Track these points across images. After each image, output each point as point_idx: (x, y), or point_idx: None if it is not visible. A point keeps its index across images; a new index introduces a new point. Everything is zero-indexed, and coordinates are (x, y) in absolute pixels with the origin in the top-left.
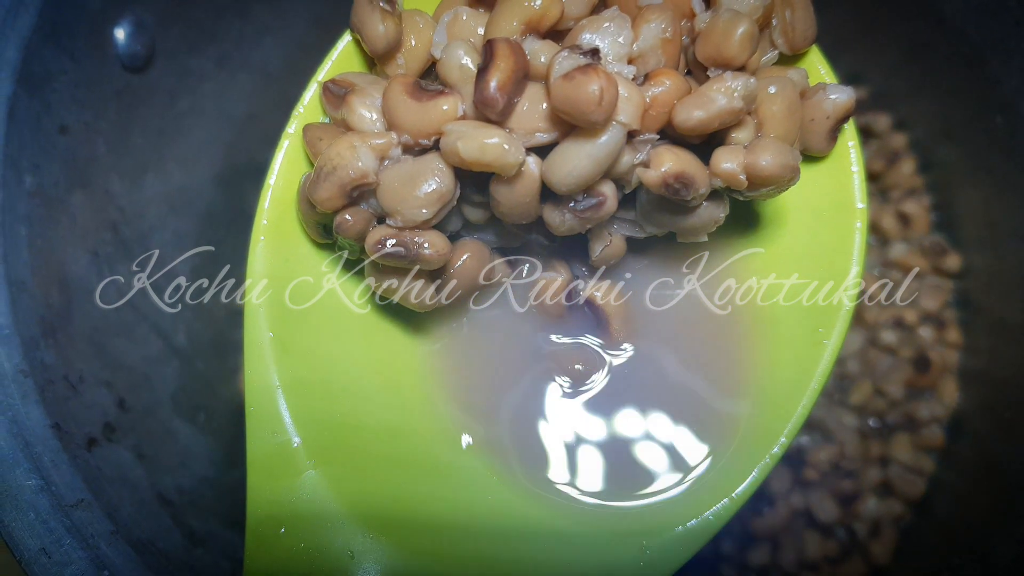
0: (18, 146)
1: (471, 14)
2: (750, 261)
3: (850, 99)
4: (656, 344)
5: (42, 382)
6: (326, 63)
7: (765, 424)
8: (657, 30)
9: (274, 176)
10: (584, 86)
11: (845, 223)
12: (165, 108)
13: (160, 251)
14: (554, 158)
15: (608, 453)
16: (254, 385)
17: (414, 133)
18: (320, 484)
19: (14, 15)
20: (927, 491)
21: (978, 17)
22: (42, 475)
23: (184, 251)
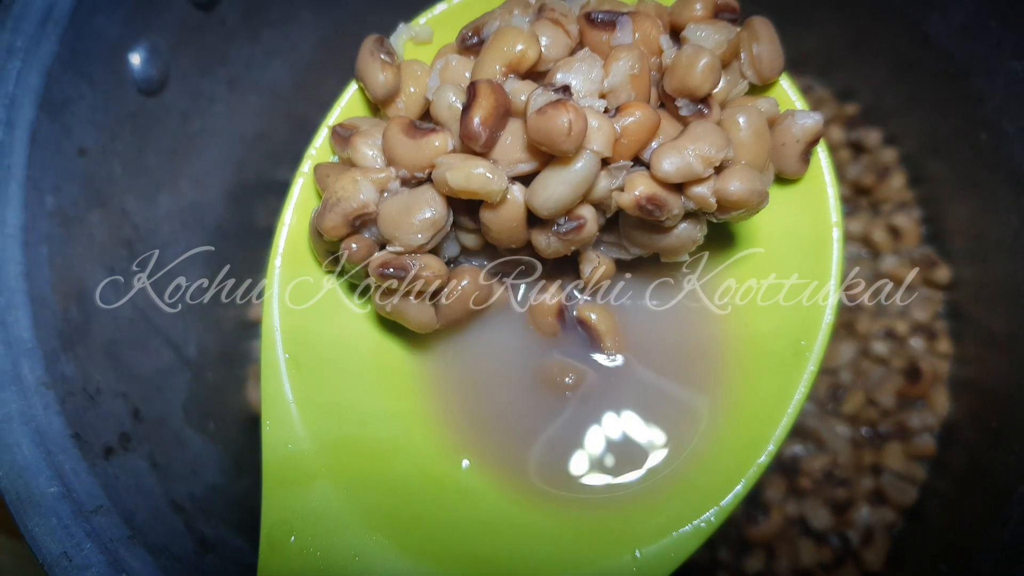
0: (40, 168)
1: (460, 60)
2: (736, 268)
3: (817, 123)
4: (645, 358)
5: (63, 393)
6: (335, 109)
7: (752, 433)
8: (626, 67)
9: (290, 210)
10: (555, 119)
11: (822, 236)
12: (178, 129)
13: (171, 266)
14: (535, 185)
15: (599, 462)
16: (270, 400)
17: (410, 167)
18: (331, 491)
19: (37, 44)
20: (919, 499)
21: (961, 38)
22: (63, 482)
23: (195, 266)
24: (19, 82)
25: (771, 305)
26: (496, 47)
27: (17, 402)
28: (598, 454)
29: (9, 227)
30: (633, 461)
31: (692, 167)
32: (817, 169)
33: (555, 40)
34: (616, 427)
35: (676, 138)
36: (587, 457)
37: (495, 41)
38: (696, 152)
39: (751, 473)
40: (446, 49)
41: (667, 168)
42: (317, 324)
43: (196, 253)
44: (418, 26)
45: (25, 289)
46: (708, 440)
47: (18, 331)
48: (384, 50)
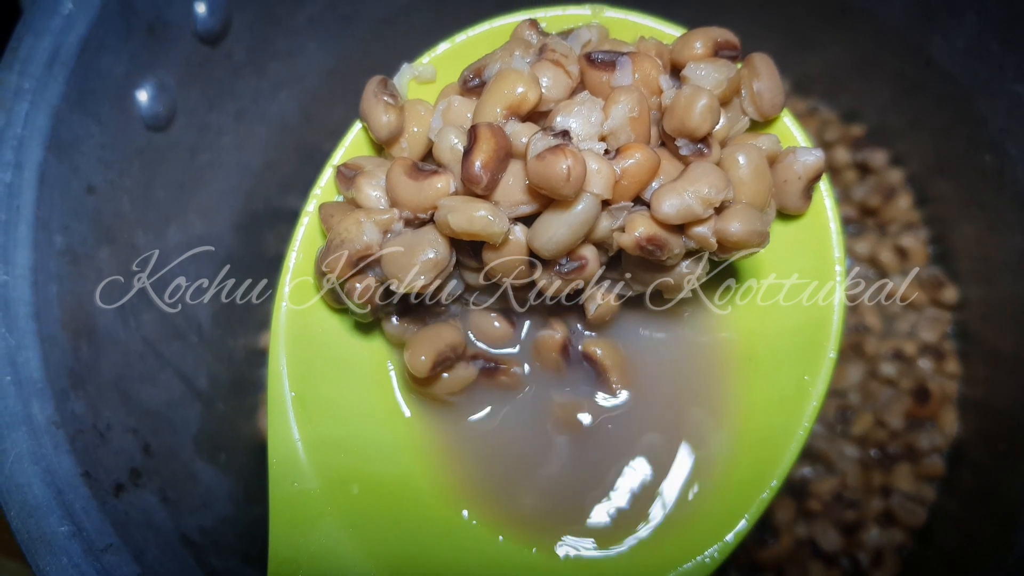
0: (48, 208)
1: (462, 102)
2: None
3: (818, 160)
4: (650, 394)
5: (72, 432)
6: (339, 149)
7: (755, 468)
8: (625, 110)
9: (295, 250)
10: (554, 165)
11: (825, 274)
12: (186, 163)
13: (182, 292)
14: (537, 227)
15: (604, 501)
16: (276, 438)
17: (413, 208)
18: (336, 530)
19: (44, 85)
20: (928, 520)
21: (964, 61)
22: (74, 521)
23: (202, 300)
24: (27, 124)
25: (775, 343)
26: (497, 90)
27: (28, 442)
28: (600, 493)
29: (19, 268)
30: (635, 502)
31: (692, 208)
32: (820, 205)
33: (556, 81)
34: (618, 467)
35: (676, 179)
36: (589, 496)
37: (496, 84)
38: (696, 193)
39: (754, 510)
40: (448, 89)
41: (667, 210)
42: (322, 363)
43: (196, 253)
44: (421, 66)
45: (35, 329)
46: (711, 476)
47: (28, 371)
48: (388, 92)
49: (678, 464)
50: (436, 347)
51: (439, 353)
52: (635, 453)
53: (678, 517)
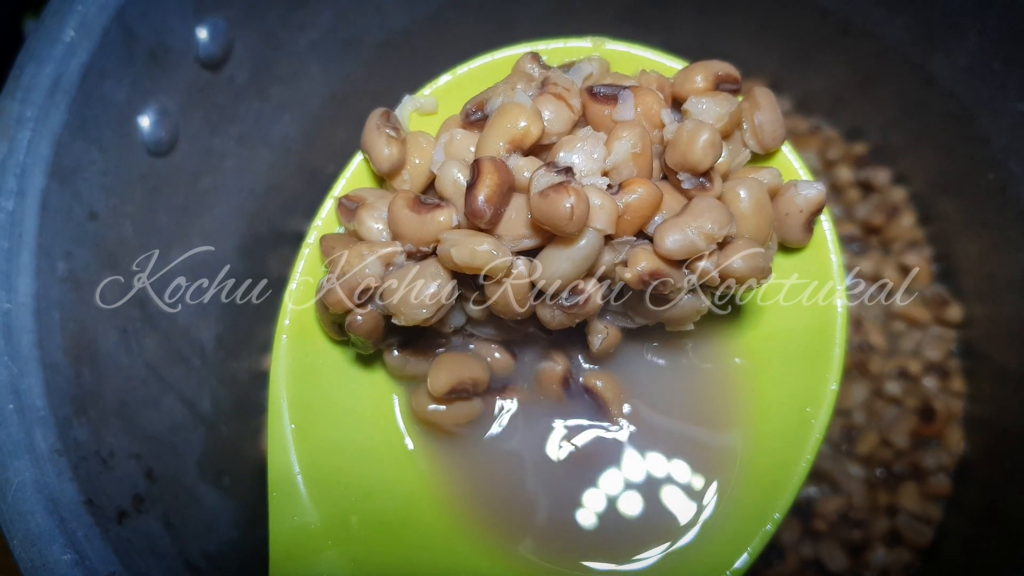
0: (51, 236)
1: (464, 135)
2: (741, 336)
3: (820, 194)
4: (651, 425)
5: (75, 459)
6: (340, 180)
7: (758, 501)
8: (628, 145)
9: (296, 280)
10: (557, 203)
11: (826, 303)
12: (189, 187)
13: (183, 321)
14: (539, 261)
15: (606, 534)
16: (276, 471)
17: (415, 241)
18: (337, 564)
19: (46, 113)
20: (935, 539)
21: (967, 79)
22: (76, 550)
23: (207, 318)
24: (29, 151)
25: (778, 372)
26: (500, 124)
27: (31, 470)
28: (604, 527)
29: (21, 295)
30: (637, 535)
31: (695, 244)
32: (821, 238)
33: (558, 115)
34: (621, 500)
35: (679, 214)
36: (592, 524)
37: (498, 118)
38: (698, 229)
39: (756, 542)
40: (450, 122)
41: (670, 246)
42: (323, 396)
43: (195, 253)
44: (423, 97)
45: (38, 356)
46: (713, 508)
47: (31, 399)
48: (390, 124)
49: (680, 497)
50: (459, 376)
51: (460, 383)
52: (637, 486)
53: (679, 551)
